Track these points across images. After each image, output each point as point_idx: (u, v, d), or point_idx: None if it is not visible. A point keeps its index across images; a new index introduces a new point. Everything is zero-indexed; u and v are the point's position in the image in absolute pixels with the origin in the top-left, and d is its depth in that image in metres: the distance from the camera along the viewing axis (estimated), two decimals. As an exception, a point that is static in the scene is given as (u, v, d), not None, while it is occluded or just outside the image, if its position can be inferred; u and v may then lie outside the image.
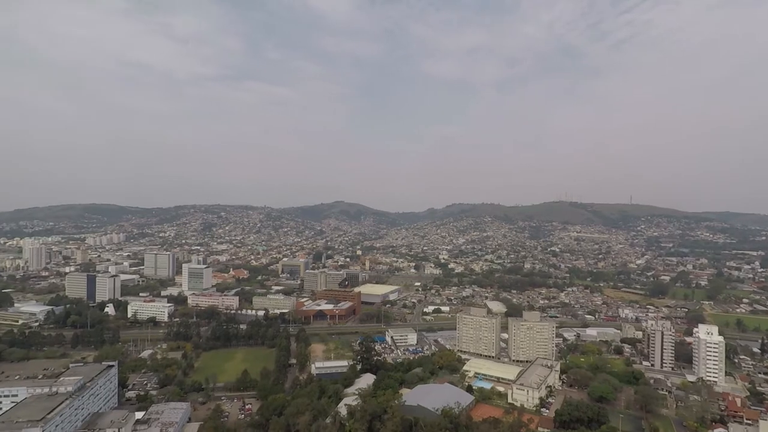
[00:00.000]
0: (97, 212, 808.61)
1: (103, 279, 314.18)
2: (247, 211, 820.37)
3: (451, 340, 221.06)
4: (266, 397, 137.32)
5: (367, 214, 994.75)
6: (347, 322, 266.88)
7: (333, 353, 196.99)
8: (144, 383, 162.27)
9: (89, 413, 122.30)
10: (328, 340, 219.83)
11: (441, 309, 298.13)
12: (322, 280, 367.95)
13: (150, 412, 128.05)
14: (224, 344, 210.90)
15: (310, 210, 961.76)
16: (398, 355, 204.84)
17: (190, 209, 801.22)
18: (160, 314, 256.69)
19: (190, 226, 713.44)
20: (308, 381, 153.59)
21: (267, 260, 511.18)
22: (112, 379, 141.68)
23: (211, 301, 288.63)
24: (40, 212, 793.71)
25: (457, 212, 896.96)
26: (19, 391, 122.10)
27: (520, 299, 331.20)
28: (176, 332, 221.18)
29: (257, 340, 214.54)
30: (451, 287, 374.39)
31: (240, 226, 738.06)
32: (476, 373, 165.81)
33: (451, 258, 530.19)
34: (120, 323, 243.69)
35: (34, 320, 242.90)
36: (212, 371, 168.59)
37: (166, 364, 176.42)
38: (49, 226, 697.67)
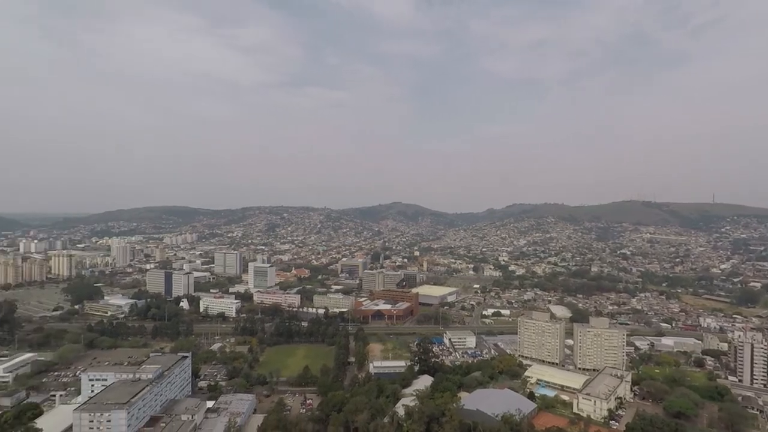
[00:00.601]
0: (173, 214, 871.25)
1: (178, 276, 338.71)
2: (308, 212, 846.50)
3: (511, 345, 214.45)
4: (326, 393, 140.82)
5: (424, 215, 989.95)
6: (405, 322, 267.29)
7: (390, 353, 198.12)
8: (214, 374, 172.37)
9: (167, 399, 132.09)
10: (385, 340, 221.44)
11: (501, 312, 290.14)
12: (380, 280, 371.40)
13: (219, 402, 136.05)
14: (287, 340, 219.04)
15: (368, 211, 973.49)
16: (456, 357, 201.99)
17: (255, 211, 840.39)
18: (228, 310, 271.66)
19: (255, 227, 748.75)
20: (366, 379, 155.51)
21: (327, 260, 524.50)
22: (187, 369, 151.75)
23: (275, 298, 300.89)
24: (126, 214, 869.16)
25: (517, 212, 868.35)
26: (108, 376, 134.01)
27: (586, 304, 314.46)
28: (243, 327, 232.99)
29: (317, 337, 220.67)
30: (512, 290, 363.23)
31: (301, 226, 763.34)
32: (539, 380, 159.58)
33: (512, 260, 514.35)
34: (193, 317, 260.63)
35: (120, 312, 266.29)
36: (276, 366, 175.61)
37: (233, 357, 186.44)
38: (132, 227, 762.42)
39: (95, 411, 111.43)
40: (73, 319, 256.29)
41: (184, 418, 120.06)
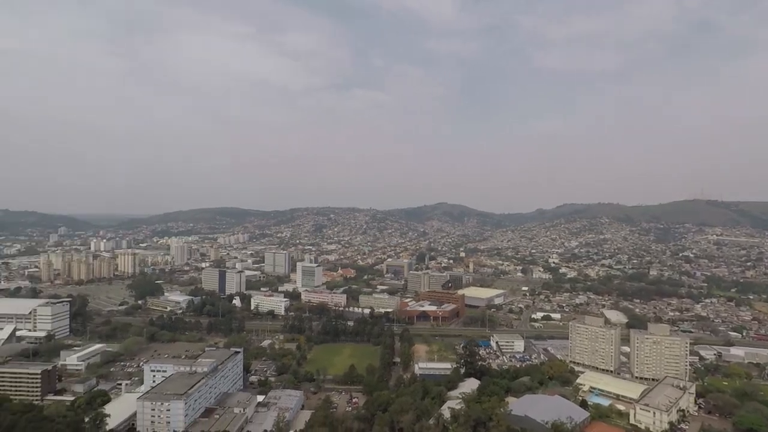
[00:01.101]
0: (226, 215, 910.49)
1: (231, 274, 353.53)
2: (353, 213, 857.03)
3: (562, 350, 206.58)
4: (372, 393, 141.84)
5: (470, 216, 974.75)
6: (450, 324, 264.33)
7: (436, 355, 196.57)
8: (264, 370, 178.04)
9: (220, 392, 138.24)
10: (431, 341, 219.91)
11: (551, 316, 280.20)
12: (425, 281, 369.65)
13: (269, 397, 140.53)
14: (333, 339, 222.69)
15: (413, 211, 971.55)
16: (504, 361, 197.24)
17: (303, 211, 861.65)
18: (277, 308, 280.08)
19: (303, 227, 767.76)
20: (412, 380, 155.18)
21: (372, 260, 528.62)
22: (239, 364, 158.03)
23: (322, 297, 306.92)
24: (184, 215, 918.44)
25: (568, 213, 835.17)
26: (167, 368, 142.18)
27: (644, 310, 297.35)
28: (291, 325, 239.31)
29: (363, 337, 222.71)
30: (563, 293, 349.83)
31: (347, 227, 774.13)
32: (592, 388, 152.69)
33: (563, 262, 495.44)
34: (245, 314, 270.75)
35: (178, 308, 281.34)
36: (322, 364, 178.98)
37: (282, 353, 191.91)
38: (189, 227, 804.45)
39: (156, 400, 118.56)
40: (137, 313, 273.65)
41: (237, 411, 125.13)
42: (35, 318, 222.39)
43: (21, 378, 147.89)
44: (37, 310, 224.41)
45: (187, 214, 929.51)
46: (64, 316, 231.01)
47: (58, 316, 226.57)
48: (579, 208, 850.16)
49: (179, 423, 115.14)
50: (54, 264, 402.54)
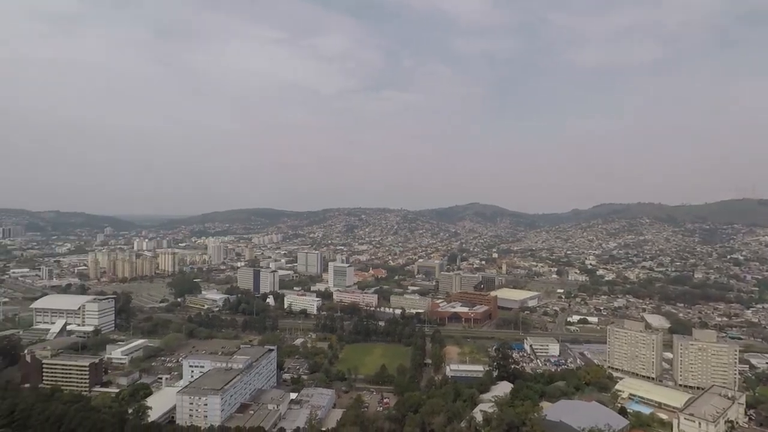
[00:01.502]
0: (260, 215, 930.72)
1: (265, 274, 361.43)
2: (384, 214, 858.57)
3: (599, 355, 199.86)
4: (403, 393, 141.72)
5: (503, 216, 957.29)
6: (482, 326, 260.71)
7: (468, 357, 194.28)
8: (297, 368, 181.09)
9: (255, 388, 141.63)
10: (462, 343, 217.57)
11: (588, 319, 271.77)
12: (456, 282, 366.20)
13: (302, 394, 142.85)
14: (364, 339, 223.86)
15: (444, 212, 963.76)
16: (538, 365, 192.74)
17: (335, 212, 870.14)
18: (310, 307, 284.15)
19: (335, 228, 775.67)
20: (443, 382, 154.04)
21: (403, 261, 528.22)
22: (272, 362, 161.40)
23: (353, 297, 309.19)
24: (220, 216, 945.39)
25: (606, 213, 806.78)
26: (205, 364, 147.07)
27: (688, 314, 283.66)
28: (323, 324, 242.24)
29: (394, 337, 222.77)
30: (600, 296, 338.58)
31: (378, 227, 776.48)
32: (631, 395, 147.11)
33: (600, 264, 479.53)
34: (278, 313, 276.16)
35: (215, 306, 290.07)
36: (354, 363, 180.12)
37: (314, 352, 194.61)
38: (225, 228, 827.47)
39: (194, 394, 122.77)
40: (176, 310, 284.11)
41: (270, 408, 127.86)
42: (84, 313, 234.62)
43: (71, 370, 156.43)
44: (86, 306, 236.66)
45: (224, 214, 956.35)
46: (110, 312, 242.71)
47: (105, 312, 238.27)
48: (617, 208, 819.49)
49: (216, 417, 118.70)
50: (100, 262, 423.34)
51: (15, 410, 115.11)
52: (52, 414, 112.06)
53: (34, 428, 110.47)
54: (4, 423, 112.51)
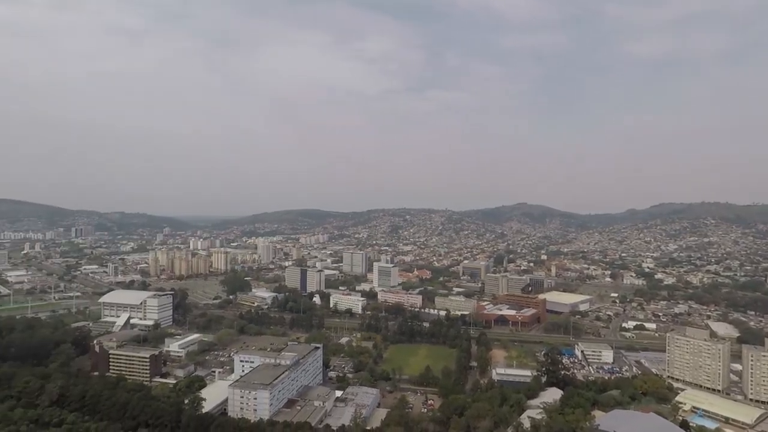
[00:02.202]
0: (307, 216, 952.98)
1: (312, 273, 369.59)
2: (429, 214, 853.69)
3: (658, 364, 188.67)
4: (447, 396, 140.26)
5: (552, 216, 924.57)
6: (530, 329, 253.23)
7: (515, 361, 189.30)
8: (342, 366, 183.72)
9: (301, 385, 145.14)
10: (509, 347, 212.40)
11: (645, 326, 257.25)
12: (503, 284, 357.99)
13: (347, 393, 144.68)
14: (409, 339, 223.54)
15: (490, 212, 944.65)
16: (590, 372, 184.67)
17: (379, 213, 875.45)
18: (355, 306, 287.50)
19: (379, 228, 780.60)
20: (489, 386, 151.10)
21: (448, 262, 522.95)
22: (318, 359, 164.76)
23: (398, 298, 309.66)
24: (269, 216, 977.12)
25: (665, 213, 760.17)
26: (255, 359, 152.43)
27: (760, 323, 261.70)
28: (368, 324, 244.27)
29: (439, 338, 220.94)
30: (659, 301, 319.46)
31: (423, 228, 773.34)
32: (694, 408, 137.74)
33: (659, 267, 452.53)
34: (324, 312, 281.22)
35: (264, 304, 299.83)
36: (398, 363, 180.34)
37: (359, 351, 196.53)
38: (274, 228, 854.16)
39: (245, 388, 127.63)
40: (228, 307, 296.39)
41: (317, 404, 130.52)
42: (145, 308, 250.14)
43: (134, 360, 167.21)
44: (147, 301, 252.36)
45: (272, 215, 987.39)
46: (168, 307, 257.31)
47: (164, 307, 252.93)
48: (678, 208, 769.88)
49: (265, 411, 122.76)
50: (160, 260, 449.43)
51: (86, 396, 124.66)
52: (118, 401, 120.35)
53: (102, 413, 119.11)
54: (76, 407, 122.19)
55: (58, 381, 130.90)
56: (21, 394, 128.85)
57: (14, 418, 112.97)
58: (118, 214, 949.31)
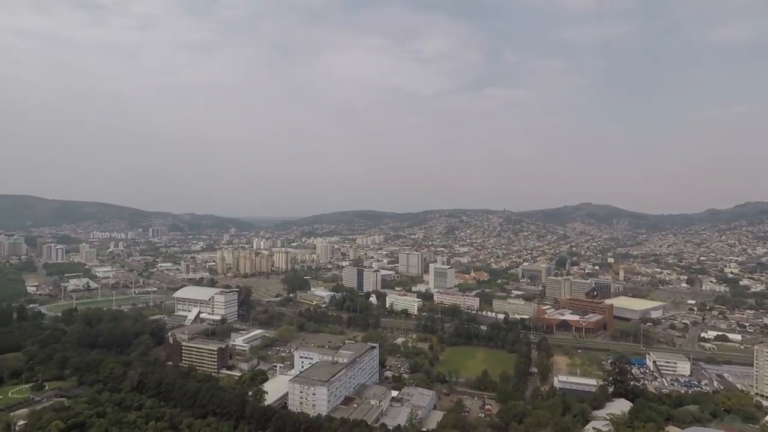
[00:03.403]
0: (363, 217, 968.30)
1: (368, 273, 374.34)
2: (486, 215, 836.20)
3: (743, 379, 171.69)
4: (506, 401, 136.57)
5: (620, 217, 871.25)
6: (595, 336, 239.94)
7: (578, 368, 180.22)
8: (398, 366, 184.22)
9: (358, 383, 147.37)
10: (572, 354, 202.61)
11: (728, 336, 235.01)
12: (566, 287, 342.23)
13: (403, 393, 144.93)
14: (465, 342, 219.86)
15: (551, 213, 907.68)
16: (663, 384, 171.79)
17: (435, 214, 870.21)
18: (411, 307, 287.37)
19: (435, 229, 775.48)
20: (550, 393, 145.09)
21: (507, 264, 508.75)
22: (375, 358, 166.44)
23: (454, 299, 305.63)
24: (327, 218, 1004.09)
25: (752, 213, 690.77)
26: (314, 356, 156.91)
27: None
28: (424, 325, 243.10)
29: (497, 342, 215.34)
30: (744, 310, 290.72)
31: (480, 229, 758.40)
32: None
33: (745, 272, 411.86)
34: (380, 311, 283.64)
35: (322, 302, 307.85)
36: (454, 366, 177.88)
37: (415, 352, 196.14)
38: (332, 229, 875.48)
39: (304, 384, 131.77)
40: (289, 305, 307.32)
41: (373, 403, 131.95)
42: (213, 304, 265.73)
43: (203, 353, 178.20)
44: (215, 297, 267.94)
45: (330, 216, 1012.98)
46: (234, 303, 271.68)
47: (230, 304, 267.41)
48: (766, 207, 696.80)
49: (323, 407, 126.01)
50: (226, 259, 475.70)
51: (162, 383, 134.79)
52: (189, 390, 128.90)
53: (175, 400, 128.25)
54: (153, 393, 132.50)
55: (138, 369, 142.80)
56: (107, 379, 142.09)
57: (101, 401, 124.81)
58: (190, 216, 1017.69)
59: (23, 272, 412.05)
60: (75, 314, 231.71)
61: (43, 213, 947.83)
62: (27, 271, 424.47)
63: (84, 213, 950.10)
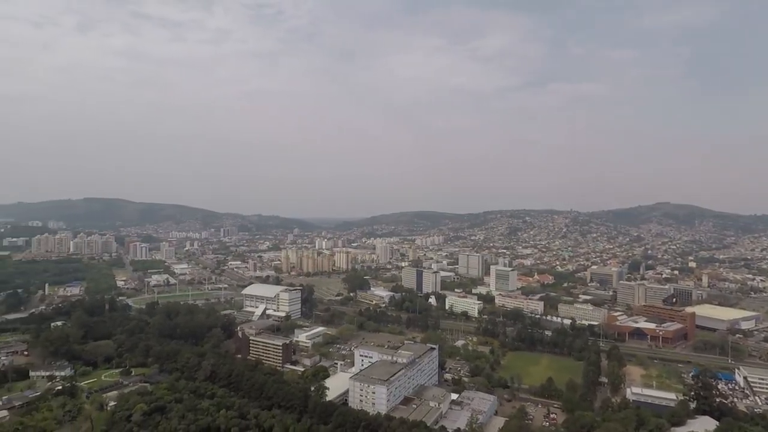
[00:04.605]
0: (422, 218, 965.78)
1: (427, 274, 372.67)
2: (551, 215, 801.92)
3: None
4: (572, 411, 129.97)
5: (703, 217, 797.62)
6: (675, 347, 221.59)
7: (655, 381, 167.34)
8: (458, 369, 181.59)
9: (417, 384, 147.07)
10: (647, 364, 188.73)
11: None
12: (640, 293, 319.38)
13: (463, 396, 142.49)
14: (528, 347, 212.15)
15: (624, 213, 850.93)
16: (756, 403, 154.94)
17: (496, 214, 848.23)
18: (471, 309, 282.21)
19: (496, 230, 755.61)
20: (623, 406, 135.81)
21: (573, 267, 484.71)
22: (434, 360, 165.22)
23: (516, 303, 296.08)
24: (386, 218, 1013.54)
25: None
26: (373, 355, 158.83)
27: None
28: (485, 328, 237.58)
29: (562, 349, 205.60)
30: None
31: (544, 230, 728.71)
32: None
33: None
34: (439, 313, 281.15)
35: (382, 302, 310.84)
36: (517, 371, 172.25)
37: (476, 356, 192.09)
38: (391, 230, 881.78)
39: (365, 382, 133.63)
40: (349, 304, 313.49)
41: (432, 405, 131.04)
42: (278, 301, 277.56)
43: (269, 347, 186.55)
44: (280, 295, 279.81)
45: (389, 217, 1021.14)
46: (297, 301, 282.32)
47: (293, 301, 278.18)
48: None
49: (382, 406, 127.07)
50: (290, 258, 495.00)
51: (231, 374, 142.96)
52: (256, 382, 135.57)
53: (243, 391, 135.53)
54: (224, 383, 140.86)
55: (211, 360, 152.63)
56: (184, 368, 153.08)
57: (179, 387, 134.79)
58: (257, 217, 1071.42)
59: (113, 268, 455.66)
60: (156, 307, 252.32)
61: (130, 214, 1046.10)
62: (116, 266, 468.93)
63: (164, 214, 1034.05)
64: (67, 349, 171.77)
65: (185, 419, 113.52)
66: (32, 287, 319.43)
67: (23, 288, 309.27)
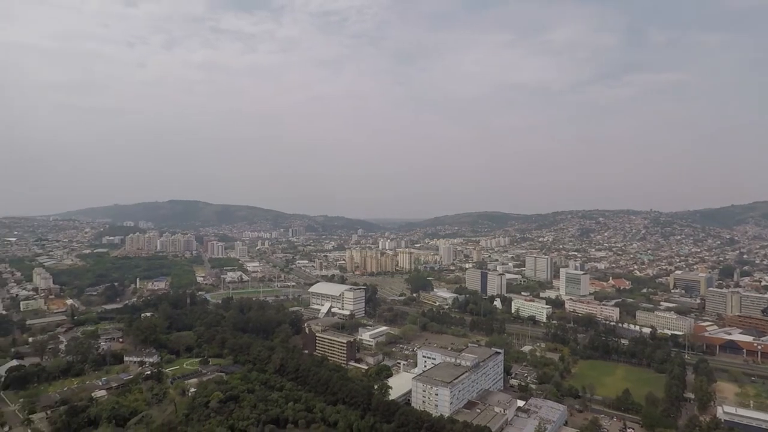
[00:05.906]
0: (487, 219, 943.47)
1: (492, 276, 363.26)
2: (628, 216, 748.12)
3: None
4: (653, 427, 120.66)
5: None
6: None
7: (752, 400, 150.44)
8: (524, 375, 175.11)
9: (481, 388, 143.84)
10: (742, 381, 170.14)
11: None
12: (734, 302, 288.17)
13: (530, 404, 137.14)
14: (602, 356, 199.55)
15: (713, 213, 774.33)
16: None
17: (567, 215, 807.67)
18: (539, 314, 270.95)
19: (567, 232, 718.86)
20: (713, 425, 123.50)
21: (654, 271, 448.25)
22: (499, 365, 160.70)
23: (589, 308, 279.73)
24: (449, 219, 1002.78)
25: None
26: (436, 356, 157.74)
27: None
28: (554, 334, 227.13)
29: (641, 359, 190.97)
30: None
31: (620, 232, 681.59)
32: None
33: None
34: (505, 316, 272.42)
35: (445, 303, 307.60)
36: (589, 381, 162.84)
37: (544, 362, 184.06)
38: (454, 230, 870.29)
39: (427, 383, 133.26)
40: (412, 304, 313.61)
41: (497, 410, 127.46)
42: (343, 299, 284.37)
43: (334, 344, 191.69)
44: (344, 293, 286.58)
45: (453, 218, 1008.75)
46: (361, 300, 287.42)
47: (357, 300, 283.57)
48: None
49: (445, 408, 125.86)
50: (355, 258, 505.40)
51: (299, 369, 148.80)
52: (322, 377, 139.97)
53: (309, 385, 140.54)
54: (292, 377, 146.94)
55: (280, 354, 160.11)
56: (255, 360, 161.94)
57: (251, 378, 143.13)
58: (323, 217, 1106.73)
59: (194, 264, 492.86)
60: (231, 302, 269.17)
61: (208, 215, 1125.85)
62: (196, 264, 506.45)
63: (238, 215, 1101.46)
64: (154, 338, 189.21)
65: (256, 409, 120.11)
66: (126, 281, 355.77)
67: (119, 282, 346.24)
